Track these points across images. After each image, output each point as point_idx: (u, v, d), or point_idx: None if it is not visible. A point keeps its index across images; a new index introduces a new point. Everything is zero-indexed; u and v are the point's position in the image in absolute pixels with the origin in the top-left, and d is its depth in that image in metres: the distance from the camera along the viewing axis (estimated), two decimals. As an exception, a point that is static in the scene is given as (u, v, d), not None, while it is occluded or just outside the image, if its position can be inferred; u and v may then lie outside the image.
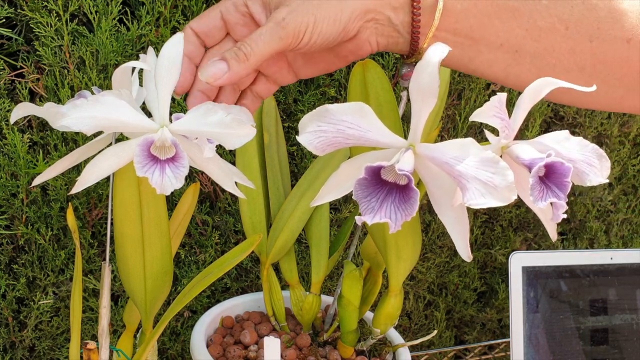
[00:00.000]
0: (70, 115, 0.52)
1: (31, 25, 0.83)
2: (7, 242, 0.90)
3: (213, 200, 1.01)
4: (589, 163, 0.56)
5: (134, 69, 0.61)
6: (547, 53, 0.60)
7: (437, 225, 1.17)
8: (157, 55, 0.57)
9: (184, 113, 0.57)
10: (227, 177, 0.61)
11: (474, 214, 1.21)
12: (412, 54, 0.60)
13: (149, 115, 0.57)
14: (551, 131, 0.59)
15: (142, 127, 0.56)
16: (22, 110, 0.60)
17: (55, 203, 0.89)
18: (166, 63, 0.56)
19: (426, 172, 0.55)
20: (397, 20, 0.58)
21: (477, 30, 0.60)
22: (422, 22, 0.59)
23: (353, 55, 0.60)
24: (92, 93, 0.57)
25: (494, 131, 0.55)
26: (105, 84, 0.86)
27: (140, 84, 0.62)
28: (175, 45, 0.56)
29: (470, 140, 0.51)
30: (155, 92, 0.56)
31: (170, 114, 0.57)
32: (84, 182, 0.58)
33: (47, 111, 0.58)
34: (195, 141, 0.58)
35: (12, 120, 0.60)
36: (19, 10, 0.83)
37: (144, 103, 0.60)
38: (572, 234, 1.34)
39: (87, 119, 0.53)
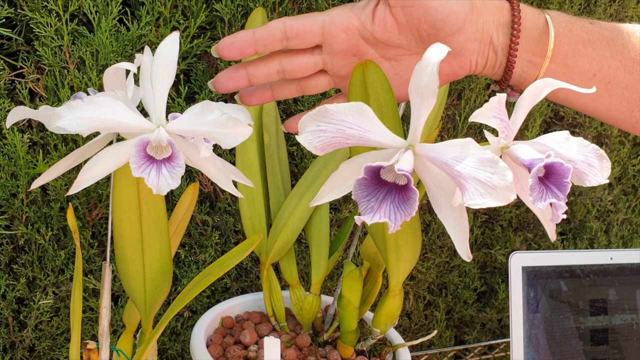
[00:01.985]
0: (66, 117, 0.52)
1: (31, 25, 0.83)
2: (7, 242, 0.90)
3: (213, 200, 1.01)
4: (588, 163, 0.56)
5: (129, 70, 0.61)
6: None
7: (437, 225, 1.17)
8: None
9: (181, 113, 0.57)
10: (224, 177, 0.61)
11: (474, 214, 1.21)
12: (506, 78, 0.60)
13: (146, 115, 0.57)
14: (551, 131, 0.59)
15: (139, 128, 0.56)
16: (17, 114, 0.60)
17: (55, 203, 0.89)
18: (162, 62, 0.56)
19: (426, 172, 0.55)
20: (497, 41, 0.58)
21: (572, 57, 0.59)
22: (520, 45, 0.58)
23: (452, 75, 0.59)
24: (88, 95, 0.57)
25: (494, 131, 0.55)
26: (105, 84, 0.86)
27: (137, 84, 0.62)
28: (171, 45, 0.56)
29: (469, 140, 0.51)
30: (152, 92, 0.56)
31: (167, 114, 0.57)
32: (81, 183, 0.58)
33: (43, 114, 0.58)
34: (192, 141, 0.58)
35: (7, 125, 0.60)
36: (19, 10, 0.83)
37: (141, 103, 0.60)
38: (572, 234, 1.34)
39: (83, 119, 0.53)
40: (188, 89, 0.94)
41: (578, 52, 0.60)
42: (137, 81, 0.61)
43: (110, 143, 0.62)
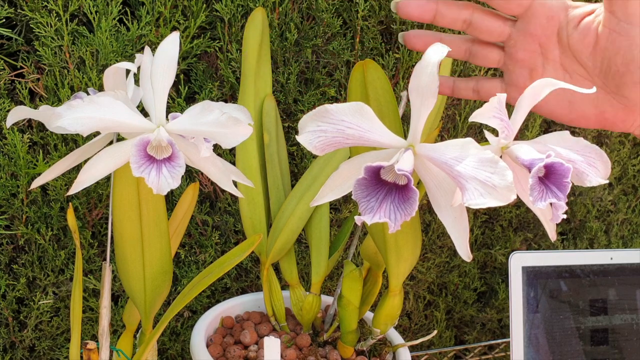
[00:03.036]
0: (66, 116, 0.52)
1: (31, 25, 0.83)
2: (7, 242, 0.90)
3: (213, 200, 1.01)
4: (588, 163, 0.56)
5: (129, 70, 0.61)
6: None
7: (437, 225, 1.17)
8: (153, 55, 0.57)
9: (181, 113, 0.57)
10: (224, 176, 0.61)
11: (474, 214, 1.21)
12: None
13: (146, 115, 0.57)
14: (551, 131, 0.59)
15: (139, 127, 0.56)
16: (17, 114, 0.60)
17: (55, 203, 0.89)
18: (162, 62, 0.56)
19: (426, 172, 0.55)
20: None
21: None
22: None
23: (609, 123, 0.57)
24: (88, 94, 0.57)
25: (494, 131, 0.55)
26: (105, 84, 0.86)
27: (137, 84, 0.62)
28: (171, 45, 0.56)
29: (469, 140, 0.51)
30: (152, 92, 0.56)
31: (168, 114, 0.57)
32: (81, 183, 0.58)
33: (43, 114, 0.58)
34: (192, 141, 0.58)
35: (7, 125, 0.60)
36: (19, 10, 0.83)
37: (141, 103, 0.60)
38: (572, 234, 1.34)
39: (83, 119, 0.53)
40: (188, 89, 0.94)
41: None
42: (137, 81, 0.61)
43: (110, 143, 0.62)
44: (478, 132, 1.15)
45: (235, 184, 0.63)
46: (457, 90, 0.64)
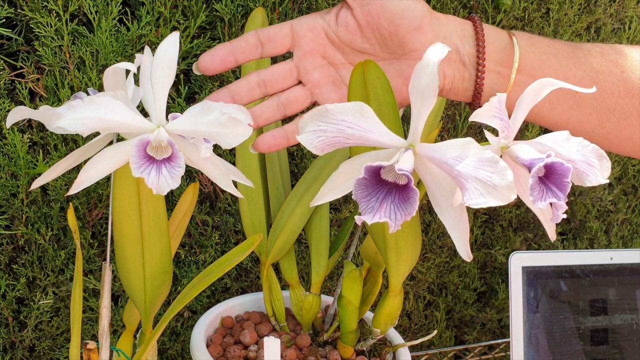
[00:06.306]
0: (66, 117, 0.52)
1: (31, 25, 0.83)
2: (7, 242, 0.90)
3: (213, 200, 1.01)
4: (588, 163, 0.56)
5: (129, 70, 0.61)
6: (606, 95, 0.59)
7: (437, 225, 1.17)
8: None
9: (181, 113, 0.57)
10: (224, 177, 0.61)
11: (474, 214, 1.21)
12: (477, 94, 0.60)
13: (146, 115, 0.57)
14: (551, 131, 0.59)
15: (139, 128, 0.56)
16: (17, 114, 0.60)
17: (56, 203, 0.89)
18: (162, 62, 0.56)
19: (426, 172, 0.55)
20: (464, 50, 0.59)
21: (538, 68, 0.60)
22: (487, 55, 0.59)
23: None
24: (88, 94, 0.57)
25: (494, 131, 0.55)
26: (105, 84, 0.86)
27: (137, 84, 0.62)
28: (171, 45, 0.56)
29: (469, 140, 0.51)
30: (152, 92, 0.56)
31: (168, 114, 0.57)
32: (81, 183, 0.58)
33: (43, 114, 0.58)
34: (192, 141, 0.58)
35: (7, 125, 0.60)
36: (19, 10, 0.83)
37: (141, 103, 0.60)
38: (572, 234, 1.34)
39: (83, 119, 0.53)
40: (188, 89, 0.94)
41: (543, 63, 0.61)
42: (137, 81, 0.61)
43: (110, 143, 0.62)
44: (478, 132, 1.15)
45: (235, 184, 0.63)
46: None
